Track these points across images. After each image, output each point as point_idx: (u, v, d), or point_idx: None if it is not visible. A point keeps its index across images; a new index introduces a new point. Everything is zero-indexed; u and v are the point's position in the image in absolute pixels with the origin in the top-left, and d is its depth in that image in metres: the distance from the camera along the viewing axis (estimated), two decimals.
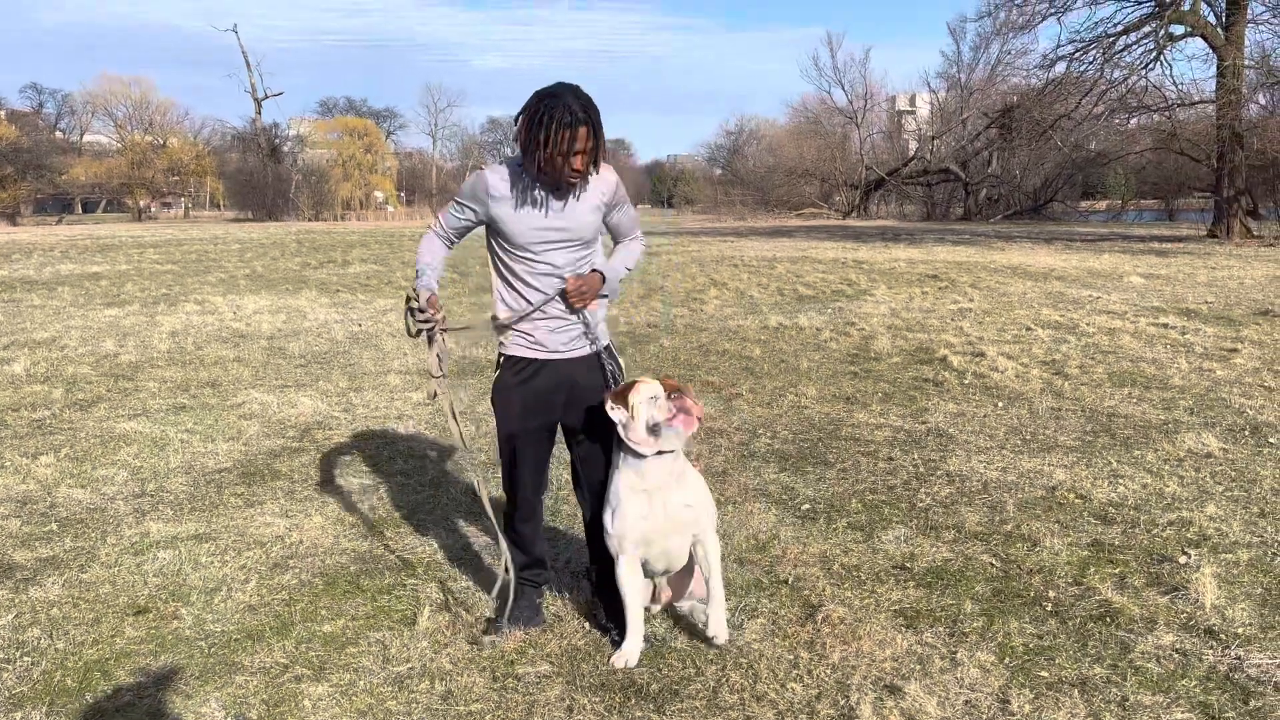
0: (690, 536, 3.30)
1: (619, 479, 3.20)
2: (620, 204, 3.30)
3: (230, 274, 17.33)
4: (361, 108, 76.34)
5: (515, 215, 3.14)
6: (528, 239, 3.15)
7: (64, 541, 4.30)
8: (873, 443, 5.76)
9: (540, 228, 3.15)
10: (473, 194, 3.20)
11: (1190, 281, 14.26)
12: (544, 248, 3.17)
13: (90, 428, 6.28)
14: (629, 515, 3.18)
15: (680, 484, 3.24)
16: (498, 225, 3.18)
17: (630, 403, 3.12)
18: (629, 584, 3.22)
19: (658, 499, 3.18)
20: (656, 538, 3.22)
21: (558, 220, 3.15)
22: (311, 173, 57.93)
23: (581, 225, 3.19)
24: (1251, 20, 24.72)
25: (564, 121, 2.93)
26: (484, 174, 3.20)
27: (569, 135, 2.94)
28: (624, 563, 3.22)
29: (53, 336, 10.00)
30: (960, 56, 50.73)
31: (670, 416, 3.12)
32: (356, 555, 4.13)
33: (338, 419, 6.49)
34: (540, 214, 3.14)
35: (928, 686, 2.97)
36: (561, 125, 2.93)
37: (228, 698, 3.00)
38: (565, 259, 3.20)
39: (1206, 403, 6.56)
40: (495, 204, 3.15)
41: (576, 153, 2.98)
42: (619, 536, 3.20)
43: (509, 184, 3.14)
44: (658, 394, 3.14)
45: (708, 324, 10.65)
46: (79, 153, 66.73)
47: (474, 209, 3.21)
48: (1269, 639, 3.24)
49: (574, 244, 3.20)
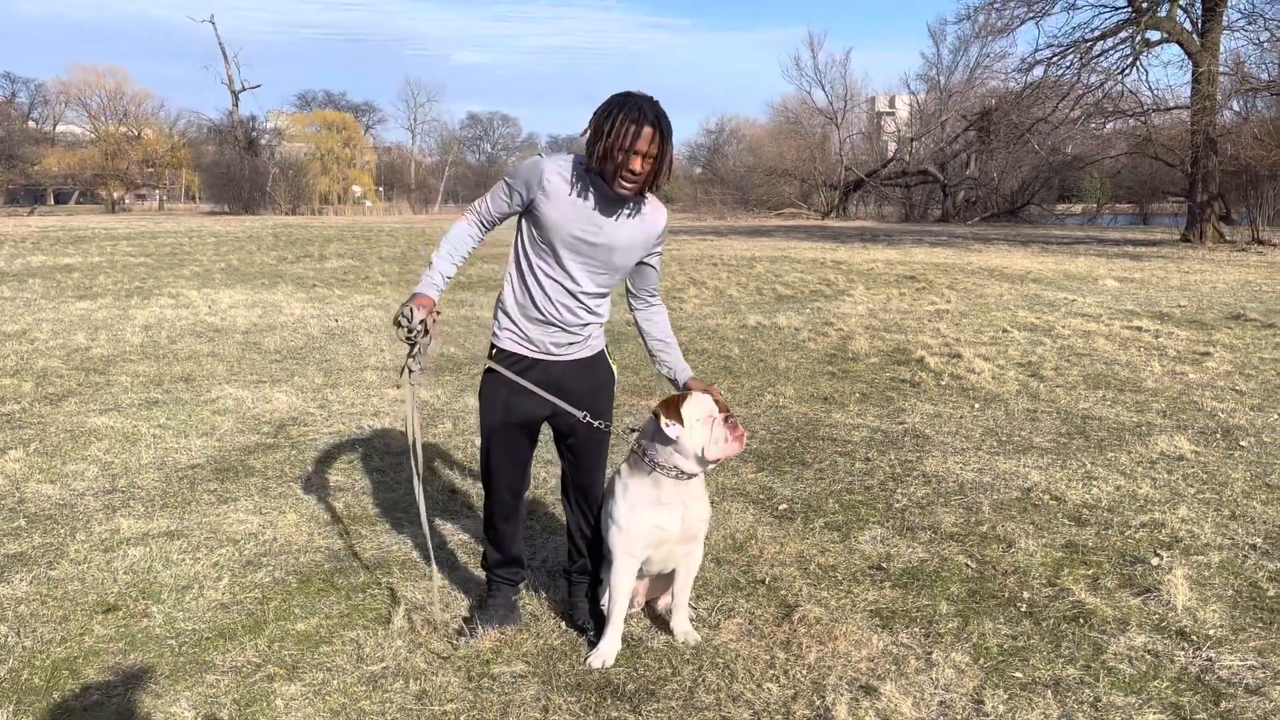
0: (700, 543, 3.29)
1: (634, 487, 3.13)
2: (658, 253, 3.24)
3: (205, 267, 17.17)
4: (340, 101, 75.77)
5: (559, 212, 3.02)
6: (560, 238, 3.04)
7: (32, 538, 4.23)
8: (850, 443, 5.78)
9: (577, 234, 3.04)
10: (526, 179, 3.05)
11: (1164, 285, 14.41)
12: (571, 256, 3.07)
13: (60, 422, 6.20)
14: (646, 518, 3.11)
15: (700, 494, 3.21)
16: (536, 216, 3.06)
17: (685, 418, 3.04)
18: (623, 585, 3.17)
19: (677, 510, 3.15)
20: (669, 544, 3.19)
21: (596, 233, 3.05)
22: (289, 166, 57.44)
23: (617, 249, 3.08)
24: (1227, 27, 25.01)
25: (631, 116, 2.87)
26: (543, 162, 3.06)
27: (634, 131, 2.87)
28: (626, 565, 3.16)
29: (23, 329, 9.87)
30: (940, 59, 51.08)
31: (728, 447, 3.03)
32: (331, 553, 4.10)
33: (313, 415, 6.44)
34: (583, 221, 3.03)
35: (903, 687, 2.98)
36: (628, 119, 2.87)
37: (198, 697, 2.96)
38: (585, 278, 3.11)
39: (1179, 405, 6.62)
40: (544, 197, 3.03)
41: (638, 153, 2.89)
42: (631, 537, 3.12)
43: (565, 180, 3.02)
44: (714, 413, 3.04)
45: (686, 323, 10.65)
46: (52, 143, 65.87)
47: (522, 194, 3.07)
48: (1239, 641, 3.28)
49: (601, 268, 3.11)
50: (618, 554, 3.16)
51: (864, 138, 57.11)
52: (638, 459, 3.15)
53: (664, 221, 3.18)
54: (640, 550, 3.15)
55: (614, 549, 3.16)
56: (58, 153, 61.15)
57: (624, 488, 3.16)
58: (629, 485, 3.15)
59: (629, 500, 3.13)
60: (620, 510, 3.14)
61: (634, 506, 3.12)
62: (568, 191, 3.02)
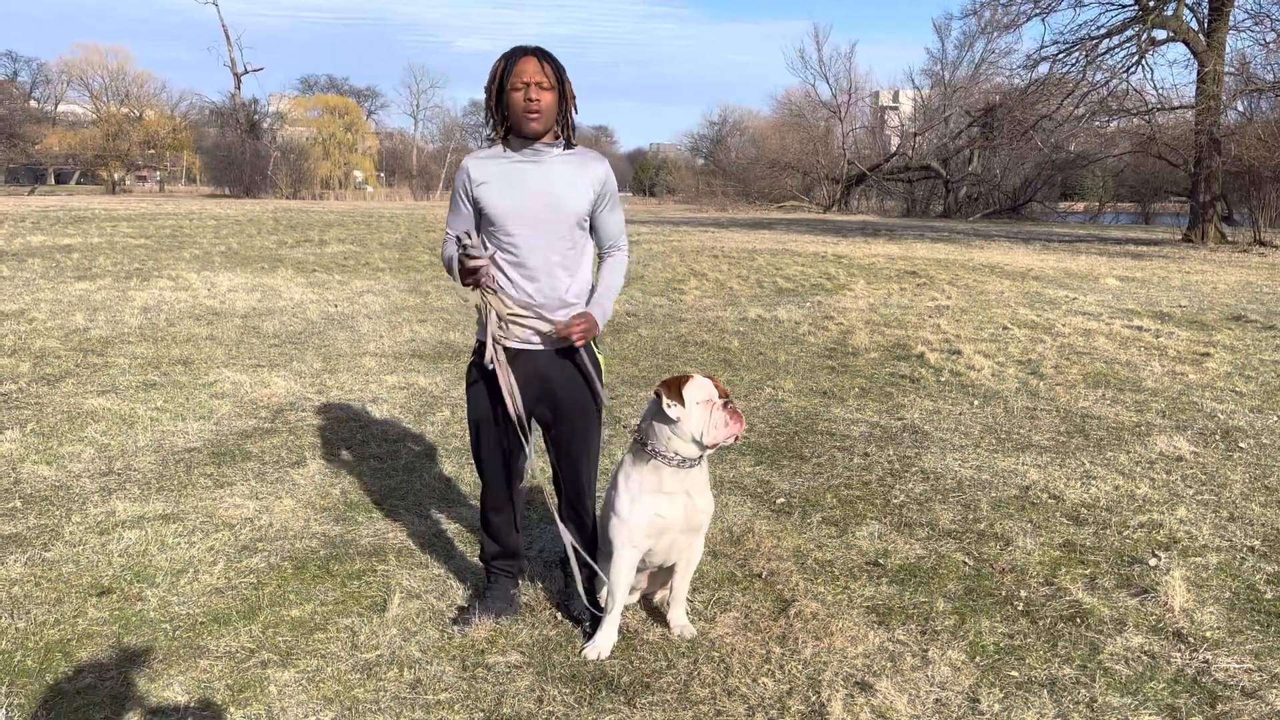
0: (702, 536, 3.28)
1: (635, 475, 3.12)
2: (609, 200, 3.22)
3: (205, 250, 17.12)
4: (343, 86, 75.58)
5: (497, 192, 3.08)
6: (507, 216, 3.08)
7: (27, 519, 4.22)
8: (848, 438, 5.77)
9: (518, 202, 3.07)
10: (460, 182, 3.15)
11: (1165, 285, 14.38)
12: (525, 230, 3.08)
13: (57, 403, 6.18)
14: (647, 507, 3.10)
15: (703, 485, 3.20)
16: (483, 207, 3.11)
17: (685, 400, 3.03)
18: (623, 576, 3.16)
19: (680, 499, 3.14)
20: (671, 533, 3.17)
21: (537, 194, 3.08)
22: (290, 150, 57.31)
23: (562, 202, 3.10)
24: (1233, 27, 24.93)
25: (510, 56, 3.03)
26: (464, 162, 3.16)
27: (516, 67, 3.00)
28: (627, 555, 3.15)
29: (21, 309, 9.84)
30: (945, 54, 50.95)
31: (728, 430, 3.03)
32: (327, 540, 4.08)
33: (311, 400, 6.42)
34: (516, 185, 3.08)
35: (899, 684, 2.98)
36: (509, 60, 3.02)
37: (192, 681, 2.95)
38: (544, 246, 3.11)
39: (1179, 406, 6.61)
40: (478, 185, 3.10)
41: (529, 83, 2.99)
42: (632, 527, 3.11)
43: (488, 163, 3.11)
44: (713, 397, 3.04)
45: (686, 314, 10.63)
46: (53, 122, 65.63)
47: (465, 196, 3.14)
48: (1236, 643, 3.27)
49: (553, 227, 3.10)
50: (619, 545, 3.14)
51: (867, 132, 57.04)
52: (638, 448, 3.14)
53: (604, 169, 3.20)
54: (642, 540, 3.13)
55: (615, 540, 3.15)
56: (59, 132, 60.91)
57: (625, 478, 3.16)
58: (630, 475, 3.15)
59: (630, 490, 3.12)
60: (622, 501, 3.13)
61: (635, 497, 3.11)
62: (494, 168, 3.11)
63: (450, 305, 10.97)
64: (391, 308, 10.72)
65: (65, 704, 2.83)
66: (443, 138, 77.40)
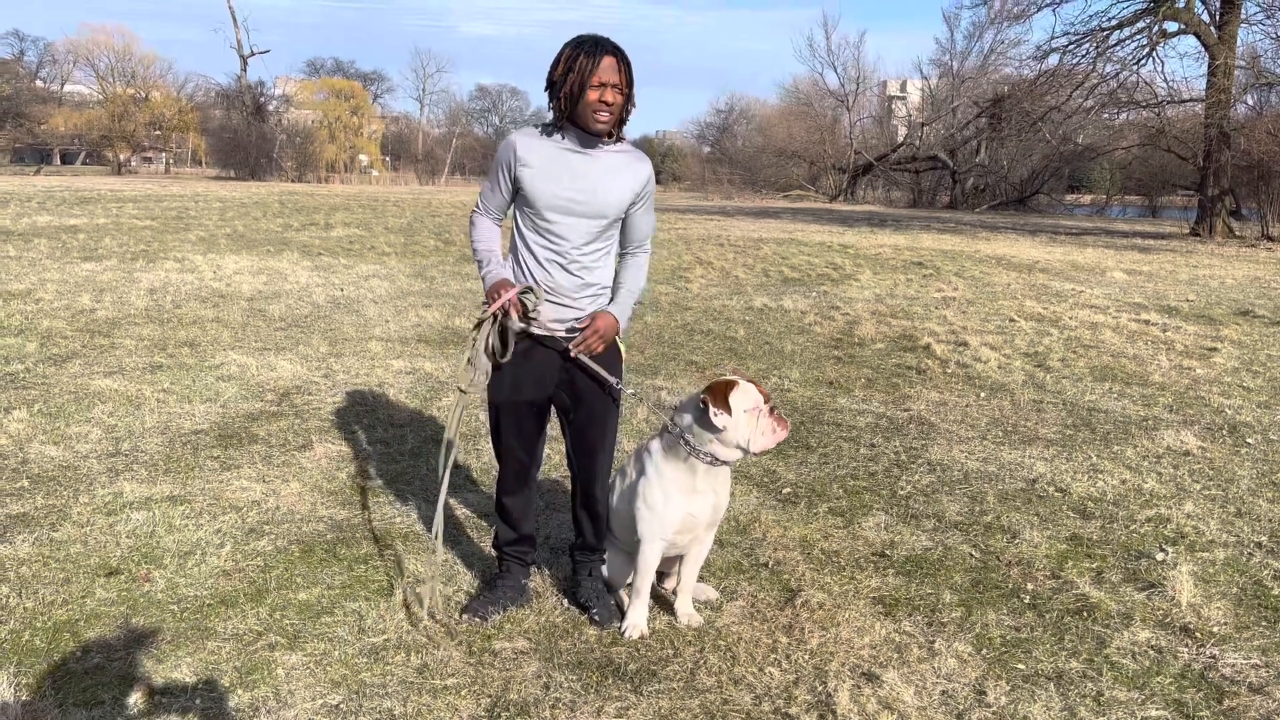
0: (715, 529, 3.34)
1: (669, 473, 3.14)
2: (646, 200, 3.22)
3: (211, 232, 17.11)
4: (349, 69, 75.28)
5: (540, 177, 3.07)
6: (546, 203, 3.07)
7: (35, 499, 4.23)
8: (855, 428, 5.76)
9: (561, 191, 3.06)
10: (503, 158, 3.12)
11: (1172, 279, 14.34)
12: (560, 216, 3.08)
13: (64, 384, 6.18)
14: (680, 506, 3.14)
15: (728, 482, 3.24)
16: (522, 188, 3.10)
17: (732, 408, 3.03)
18: (651, 564, 3.21)
19: (709, 497, 3.18)
20: (697, 529, 3.22)
21: (582, 186, 3.07)
22: (296, 133, 57.17)
23: (605, 196, 3.09)
24: (1245, 20, 24.75)
25: (589, 51, 2.97)
26: (511, 136, 3.14)
27: (594, 63, 2.96)
28: (656, 547, 3.19)
29: (28, 289, 9.84)
30: (954, 44, 50.77)
31: (774, 437, 3.04)
32: (334, 523, 4.09)
33: (317, 384, 6.42)
34: (565, 175, 3.07)
35: (905, 675, 2.98)
36: (588, 55, 2.97)
37: (199, 663, 2.96)
38: (572, 231, 3.11)
39: (1186, 400, 6.60)
40: (523, 166, 3.08)
41: (605, 84, 2.96)
42: (665, 523, 3.16)
43: (537, 145, 3.09)
44: (759, 404, 3.05)
45: (692, 303, 10.61)
46: (59, 103, 65.56)
47: (507, 174, 3.13)
48: (1243, 639, 3.27)
49: (594, 218, 3.11)
50: (648, 537, 3.18)
51: (874, 121, 56.75)
52: (673, 441, 3.14)
53: (648, 170, 3.22)
54: (671, 535, 3.18)
55: (645, 532, 3.18)
56: (65, 112, 60.87)
57: (657, 472, 3.17)
58: (663, 471, 3.16)
59: (664, 487, 3.15)
60: (655, 495, 3.15)
61: (670, 495, 3.14)
62: (542, 151, 3.08)
63: (455, 290, 10.96)
64: (397, 292, 10.71)
65: (73, 684, 2.84)
66: (448, 122, 77.21)
